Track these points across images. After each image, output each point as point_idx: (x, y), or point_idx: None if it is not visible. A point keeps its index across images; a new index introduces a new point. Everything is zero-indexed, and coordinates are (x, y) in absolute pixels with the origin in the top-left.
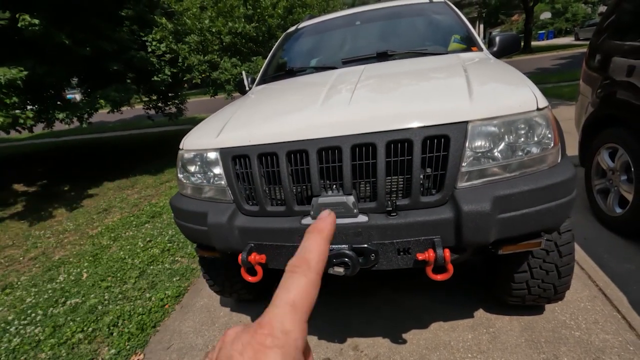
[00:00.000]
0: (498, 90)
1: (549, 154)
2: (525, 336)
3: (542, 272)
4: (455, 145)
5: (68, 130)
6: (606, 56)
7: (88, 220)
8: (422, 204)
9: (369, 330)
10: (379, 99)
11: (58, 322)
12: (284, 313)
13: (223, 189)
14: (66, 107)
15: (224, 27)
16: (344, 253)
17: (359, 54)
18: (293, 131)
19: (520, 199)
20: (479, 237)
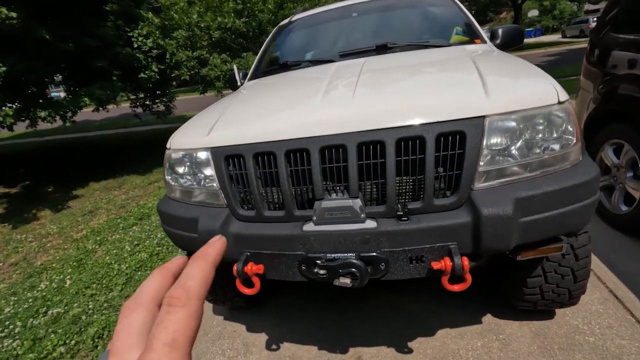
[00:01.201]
0: (515, 83)
1: (571, 151)
2: (538, 343)
3: (557, 276)
4: (471, 143)
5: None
6: (608, 50)
7: (73, 222)
8: (436, 207)
9: (373, 339)
10: (385, 93)
11: (38, 334)
12: (161, 356)
13: (215, 192)
14: (48, 105)
15: (212, 22)
16: (351, 262)
17: (357, 47)
18: (292, 128)
19: (543, 200)
20: (499, 243)
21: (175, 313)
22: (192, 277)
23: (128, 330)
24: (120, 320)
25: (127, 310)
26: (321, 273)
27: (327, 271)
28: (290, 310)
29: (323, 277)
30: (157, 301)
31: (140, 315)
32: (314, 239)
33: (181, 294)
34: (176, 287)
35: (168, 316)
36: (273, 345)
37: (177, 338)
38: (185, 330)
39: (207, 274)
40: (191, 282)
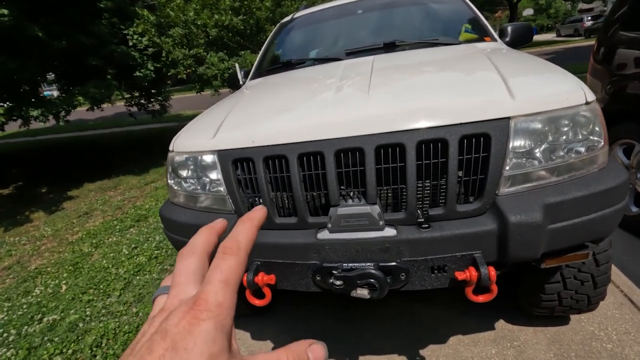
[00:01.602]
0: (539, 83)
1: (599, 154)
2: (554, 350)
3: (577, 282)
4: (497, 146)
5: (45, 129)
6: (616, 49)
7: (67, 224)
8: (459, 214)
9: (384, 347)
10: (402, 93)
11: (33, 343)
12: (217, 289)
13: (222, 197)
14: (41, 104)
15: (209, 20)
16: (370, 273)
17: (364, 45)
18: (305, 130)
19: (572, 206)
20: (528, 252)
21: (228, 260)
22: (241, 234)
23: (186, 271)
24: (179, 263)
25: (183, 255)
26: (337, 284)
27: (343, 282)
28: (296, 317)
29: (339, 288)
30: (206, 251)
31: (194, 261)
32: (329, 248)
33: (234, 245)
34: (229, 239)
35: (223, 261)
36: None
37: (229, 278)
38: (235, 273)
39: (253, 233)
40: (241, 237)
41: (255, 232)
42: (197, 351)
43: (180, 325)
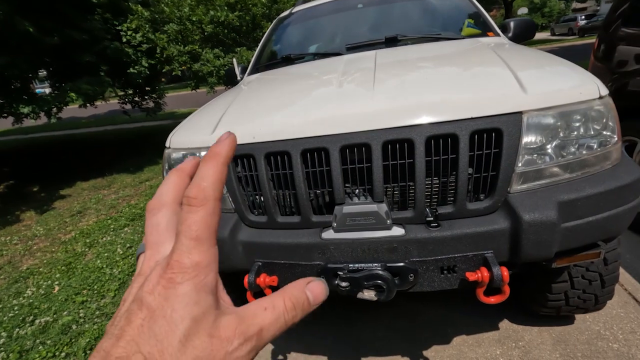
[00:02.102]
0: (551, 77)
1: (613, 150)
2: (560, 350)
3: (585, 281)
4: (509, 141)
5: (37, 126)
6: (617, 46)
7: (60, 224)
8: (469, 212)
9: (386, 348)
10: (409, 87)
11: (25, 346)
12: (189, 248)
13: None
14: (32, 101)
15: (205, 16)
16: (377, 274)
17: (365, 39)
18: (309, 125)
19: (587, 204)
20: (541, 251)
21: (195, 212)
22: (206, 177)
23: (157, 228)
24: (148, 219)
25: (152, 210)
26: (343, 285)
27: (349, 283)
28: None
29: (345, 289)
30: (178, 200)
31: (165, 214)
32: (334, 248)
33: (199, 194)
34: (192, 187)
35: (189, 215)
36: (279, 355)
37: (200, 234)
38: (206, 227)
39: (220, 174)
40: (205, 182)
41: (224, 170)
42: (177, 317)
43: (156, 291)
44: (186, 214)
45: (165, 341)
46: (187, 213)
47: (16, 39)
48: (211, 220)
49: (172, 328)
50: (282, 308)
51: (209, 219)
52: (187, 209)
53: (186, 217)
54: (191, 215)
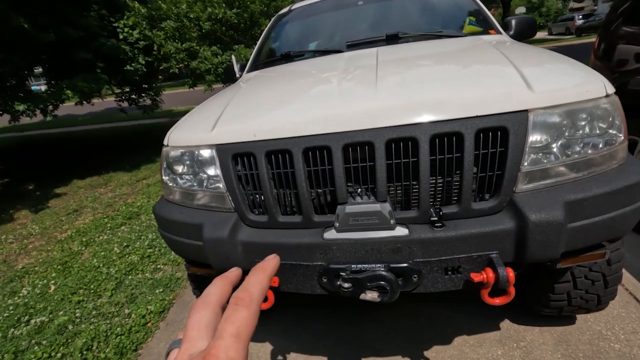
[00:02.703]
0: (556, 75)
1: (619, 149)
2: (561, 351)
3: (588, 282)
4: (514, 140)
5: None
6: (618, 45)
7: (56, 222)
8: (474, 212)
9: (386, 348)
10: (413, 85)
11: (20, 346)
12: (229, 344)
13: (221, 194)
14: (28, 98)
15: (202, 13)
16: (380, 275)
17: (366, 37)
18: (311, 123)
19: (594, 204)
20: (547, 252)
21: (240, 311)
22: (254, 285)
23: (198, 324)
24: (192, 315)
25: (197, 308)
26: (345, 286)
27: (352, 284)
28: (297, 318)
29: (347, 291)
30: (220, 303)
31: (207, 313)
32: (336, 248)
33: (246, 297)
34: (242, 290)
35: (235, 313)
36: (279, 355)
37: (241, 331)
38: (247, 326)
39: (265, 284)
40: (253, 288)
41: (269, 282)
42: None
43: None
44: (232, 312)
45: None
46: (233, 311)
47: (11, 35)
48: (252, 321)
49: None
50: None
51: (250, 319)
52: (233, 308)
53: (231, 314)
54: (237, 313)
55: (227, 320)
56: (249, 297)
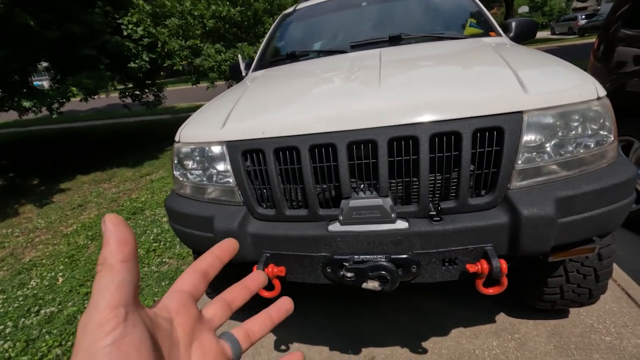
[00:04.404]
0: (551, 78)
1: (609, 149)
2: (554, 342)
3: (579, 276)
4: (509, 139)
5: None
6: (617, 47)
7: (61, 216)
8: (470, 207)
9: (386, 340)
10: (414, 85)
11: (31, 335)
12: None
13: (231, 189)
14: (34, 95)
15: (206, 11)
16: (381, 265)
17: (369, 38)
18: (317, 122)
19: (583, 201)
20: (539, 245)
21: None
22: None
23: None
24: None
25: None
26: (348, 276)
27: (354, 274)
28: (299, 310)
29: (350, 280)
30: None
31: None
32: (340, 240)
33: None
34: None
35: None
36: (282, 346)
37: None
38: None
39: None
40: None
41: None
42: None
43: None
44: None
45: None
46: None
47: (16, 32)
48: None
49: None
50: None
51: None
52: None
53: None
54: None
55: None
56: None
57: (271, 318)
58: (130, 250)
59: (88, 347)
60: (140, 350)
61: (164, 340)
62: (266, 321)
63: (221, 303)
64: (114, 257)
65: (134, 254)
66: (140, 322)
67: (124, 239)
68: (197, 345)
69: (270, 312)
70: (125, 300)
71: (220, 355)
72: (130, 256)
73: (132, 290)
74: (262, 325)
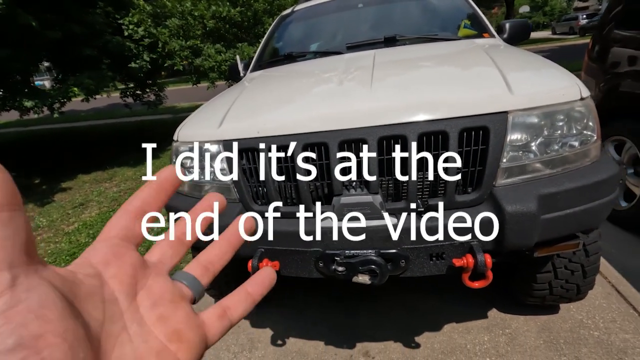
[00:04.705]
0: (536, 79)
1: (592, 148)
2: (544, 337)
3: (567, 272)
4: (495, 138)
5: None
6: (610, 47)
7: (63, 215)
8: (457, 204)
9: (379, 335)
10: (404, 86)
11: None
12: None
13: (227, 186)
14: (35, 95)
15: (207, 11)
16: (371, 259)
17: (365, 39)
18: (310, 121)
19: (565, 198)
20: (522, 240)
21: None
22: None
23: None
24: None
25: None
26: (339, 270)
27: (345, 268)
28: (295, 307)
29: (341, 274)
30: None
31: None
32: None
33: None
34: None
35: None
36: (278, 340)
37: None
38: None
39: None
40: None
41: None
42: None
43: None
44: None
45: None
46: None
47: (18, 32)
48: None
49: None
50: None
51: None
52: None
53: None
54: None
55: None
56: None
57: (230, 242)
58: (4, 197)
59: None
60: (44, 317)
61: (90, 299)
62: (223, 246)
63: (169, 242)
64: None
65: (12, 201)
66: (40, 284)
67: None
68: (144, 295)
69: (227, 236)
70: (8, 261)
71: (177, 298)
72: (7, 205)
73: (18, 248)
74: (219, 252)
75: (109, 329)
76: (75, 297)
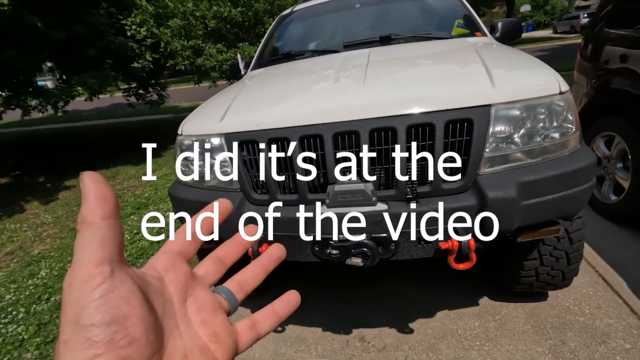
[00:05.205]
0: (519, 74)
1: (570, 139)
2: (532, 322)
3: (552, 259)
4: (478, 130)
5: (40, 119)
6: (602, 45)
7: (68, 212)
8: (444, 191)
9: (375, 321)
10: (395, 82)
11: (43, 320)
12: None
13: (229, 177)
14: (39, 94)
15: (208, 11)
16: (363, 243)
17: (361, 38)
18: (306, 115)
19: (544, 185)
20: (504, 225)
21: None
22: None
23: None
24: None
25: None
26: (334, 253)
27: (339, 251)
28: None
29: (335, 257)
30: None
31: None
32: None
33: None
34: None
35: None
36: (278, 327)
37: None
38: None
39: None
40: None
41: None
42: None
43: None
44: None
45: None
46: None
47: (22, 33)
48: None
49: None
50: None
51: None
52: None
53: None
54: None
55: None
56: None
57: (263, 267)
58: (110, 207)
59: (76, 301)
60: (130, 303)
61: (156, 296)
62: (257, 270)
63: (212, 260)
64: (94, 214)
65: (115, 211)
66: (127, 278)
67: (102, 196)
68: (192, 301)
69: (261, 262)
70: (109, 258)
71: (216, 307)
72: (111, 213)
73: (115, 248)
74: (253, 274)
75: (166, 323)
76: (147, 293)
